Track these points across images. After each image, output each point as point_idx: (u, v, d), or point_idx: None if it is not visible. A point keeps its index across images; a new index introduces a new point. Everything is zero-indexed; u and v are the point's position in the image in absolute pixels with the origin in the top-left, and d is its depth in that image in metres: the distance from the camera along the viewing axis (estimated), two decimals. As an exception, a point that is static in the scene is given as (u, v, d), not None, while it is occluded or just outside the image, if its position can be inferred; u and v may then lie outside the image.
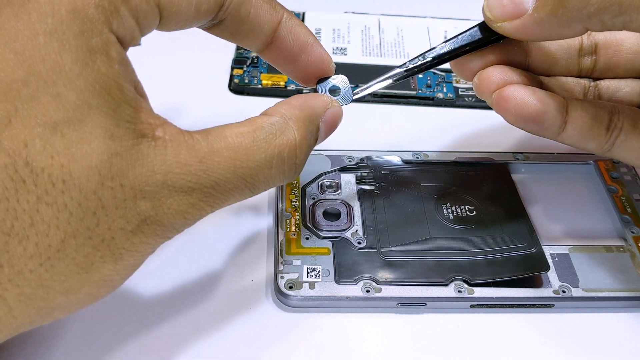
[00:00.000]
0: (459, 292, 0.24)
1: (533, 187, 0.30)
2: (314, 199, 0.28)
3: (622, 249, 0.27)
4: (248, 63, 0.36)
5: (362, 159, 0.30)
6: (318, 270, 0.25)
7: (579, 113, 0.23)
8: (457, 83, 0.36)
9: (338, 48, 0.38)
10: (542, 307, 0.25)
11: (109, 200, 0.17)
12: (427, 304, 0.24)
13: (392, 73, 0.25)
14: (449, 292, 0.24)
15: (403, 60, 0.37)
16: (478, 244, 0.26)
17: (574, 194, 0.30)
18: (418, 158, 0.30)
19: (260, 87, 0.35)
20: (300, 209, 0.27)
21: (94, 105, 0.16)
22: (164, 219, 0.18)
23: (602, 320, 0.25)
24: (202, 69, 0.36)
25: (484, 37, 0.24)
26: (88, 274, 0.17)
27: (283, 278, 0.24)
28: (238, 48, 0.37)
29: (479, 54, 0.24)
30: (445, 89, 0.35)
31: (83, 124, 0.16)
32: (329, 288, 0.24)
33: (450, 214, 0.28)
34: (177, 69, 0.36)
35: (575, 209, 0.29)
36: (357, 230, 0.26)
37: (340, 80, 0.24)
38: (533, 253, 0.26)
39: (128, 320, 0.23)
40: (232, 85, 0.35)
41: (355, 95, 0.25)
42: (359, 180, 0.29)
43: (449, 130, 0.34)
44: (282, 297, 0.24)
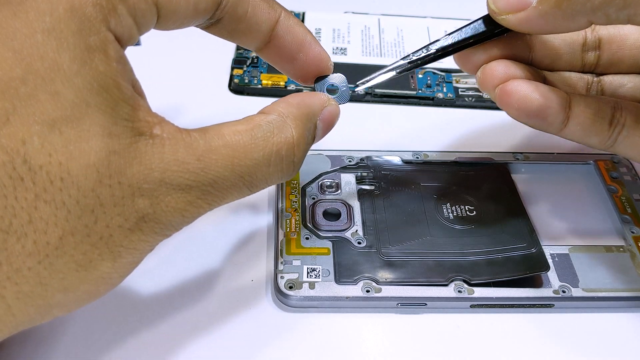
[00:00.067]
0: (459, 292, 0.24)
1: (533, 187, 0.30)
2: (314, 199, 0.28)
3: (622, 249, 0.27)
4: (248, 63, 0.36)
5: (362, 159, 0.30)
6: (318, 270, 0.25)
7: (582, 108, 0.23)
8: (457, 83, 0.36)
9: (338, 48, 0.38)
10: (542, 307, 0.25)
11: (107, 198, 0.17)
12: (427, 304, 0.24)
13: (395, 65, 0.25)
14: (449, 292, 0.24)
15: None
16: (478, 244, 0.26)
17: (574, 194, 0.30)
18: (418, 158, 0.30)
19: (260, 87, 0.35)
20: (300, 209, 0.27)
21: (92, 104, 0.16)
22: (162, 217, 0.18)
23: (602, 320, 0.25)
24: (202, 69, 0.36)
25: (488, 30, 0.24)
26: (87, 272, 0.17)
27: (283, 278, 0.24)
28: (238, 48, 0.37)
29: (483, 48, 0.24)
30: (445, 89, 0.35)
31: (81, 122, 0.16)
32: (329, 288, 0.24)
33: (450, 214, 0.28)
34: (177, 69, 0.36)
35: (575, 209, 0.29)
36: (357, 230, 0.26)
37: (339, 79, 0.24)
38: (533, 253, 0.26)
39: (128, 320, 0.23)
40: (232, 85, 0.35)
41: (360, 87, 0.25)
42: (359, 180, 0.29)
43: (449, 130, 0.34)
44: (282, 297, 0.24)
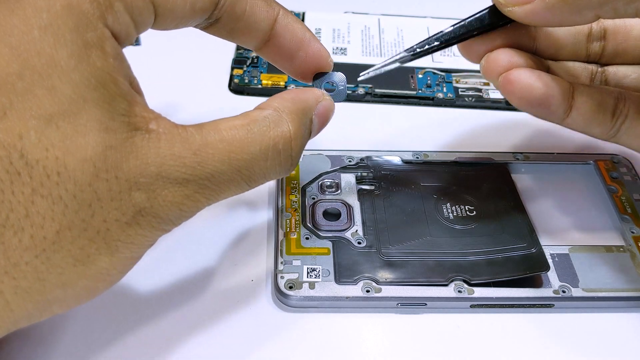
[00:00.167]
0: (459, 292, 0.24)
1: (533, 187, 0.30)
2: (314, 199, 0.28)
3: (622, 249, 0.27)
4: (248, 63, 0.36)
5: (362, 159, 0.30)
6: (318, 270, 0.25)
7: (585, 98, 0.23)
8: (457, 83, 0.36)
9: (338, 48, 0.38)
10: (542, 307, 0.25)
11: (104, 192, 0.17)
12: (427, 304, 0.24)
13: (398, 57, 0.25)
14: (449, 292, 0.24)
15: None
16: (478, 244, 0.26)
17: (574, 194, 0.30)
18: (418, 158, 0.30)
19: (260, 87, 0.35)
20: (300, 209, 0.27)
21: (89, 99, 0.16)
22: (159, 211, 0.18)
23: (602, 320, 0.25)
24: (202, 69, 0.36)
25: (493, 21, 0.24)
26: (84, 267, 0.17)
27: (283, 278, 0.24)
28: (238, 48, 0.37)
29: (486, 37, 0.24)
30: (445, 89, 0.35)
31: (78, 117, 0.16)
32: (329, 288, 0.24)
33: (450, 214, 0.28)
34: (177, 69, 0.36)
35: (575, 209, 0.29)
36: (357, 230, 0.26)
37: (337, 78, 0.24)
38: (533, 253, 0.26)
39: (128, 320, 0.23)
40: (232, 85, 0.35)
41: (363, 77, 0.25)
42: (359, 180, 0.29)
43: (449, 130, 0.34)
44: (282, 297, 0.24)
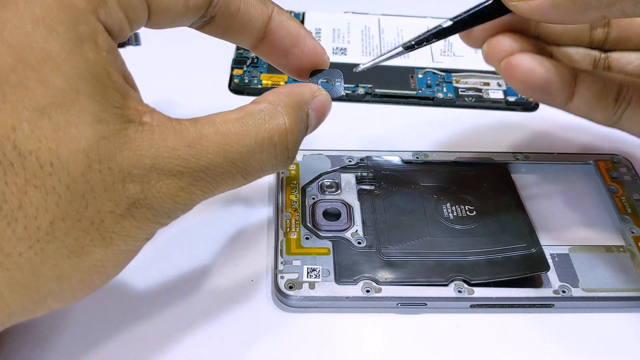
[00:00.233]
0: (459, 292, 0.24)
1: (533, 187, 0.30)
2: (314, 199, 0.28)
3: (622, 249, 0.27)
4: (248, 63, 0.36)
5: (362, 159, 0.30)
6: (318, 270, 0.25)
7: (588, 84, 0.23)
8: (457, 83, 0.36)
9: (338, 48, 0.38)
10: (542, 307, 0.25)
11: (98, 183, 0.17)
12: (427, 304, 0.24)
13: (395, 52, 0.25)
14: (449, 292, 0.24)
15: (403, 60, 0.37)
16: (478, 244, 0.26)
17: (574, 194, 0.30)
18: (418, 158, 0.30)
19: (260, 87, 0.35)
20: (300, 209, 0.27)
21: (82, 91, 0.16)
22: (154, 202, 0.18)
23: (602, 320, 0.25)
24: (202, 69, 0.36)
25: (494, 15, 0.23)
26: (79, 258, 0.17)
27: (283, 278, 0.24)
28: (238, 48, 0.37)
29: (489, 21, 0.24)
30: (445, 89, 0.35)
31: (71, 109, 0.16)
32: (329, 288, 0.24)
33: (450, 214, 0.28)
34: (177, 69, 0.36)
35: (575, 209, 0.29)
36: (357, 230, 0.26)
37: (334, 74, 0.24)
38: (533, 253, 0.26)
39: (127, 319, 0.23)
40: (232, 85, 0.35)
41: (362, 67, 0.25)
42: (359, 180, 0.29)
43: (449, 130, 0.34)
44: (282, 297, 0.24)
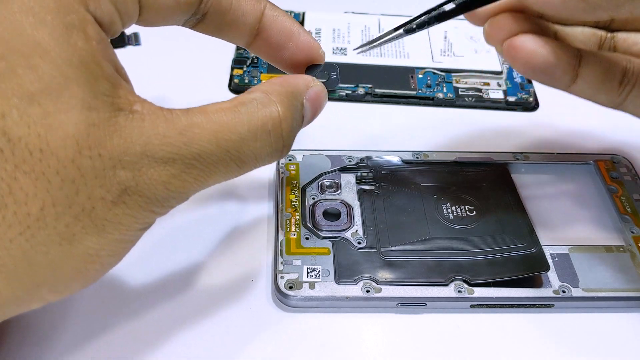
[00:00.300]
0: (459, 292, 0.24)
1: (533, 187, 0.30)
2: (314, 199, 0.28)
3: (622, 249, 0.27)
4: (248, 63, 0.36)
5: (362, 159, 0.30)
6: (318, 270, 0.25)
7: (592, 66, 0.23)
8: (457, 83, 0.36)
9: (338, 48, 0.38)
10: (542, 307, 0.25)
11: (88, 169, 0.17)
12: (427, 304, 0.24)
13: (395, 35, 0.25)
14: (449, 292, 0.24)
15: (403, 60, 0.37)
16: (478, 244, 0.26)
17: (574, 194, 0.30)
18: (418, 158, 0.30)
19: (260, 87, 0.35)
20: (300, 209, 0.27)
21: (71, 78, 0.16)
22: (145, 189, 0.18)
23: (602, 320, 0.25)
24: (202, 69, 0.36)
25: None
26: (71, 246, 0.17)
27: (283, 278, 0.24)
28: (238, 48, 0.37)
29: None
30: (445, 89, 0.35)
31: (60, 95, 0.16)
32: (329, 288, 0.24)
33: (450, 214, 0.28)
34: (177, 69, 0.36)
35: (575, 209, 0.29)
36: (357, 230, 0.26)
37: (330, 68, 0.24)
38: (533, 253, 0.26)
39: (127, 319, 0.23)
40: (232, 85, 0.35)
41: (361, 48, 0.25)
42: (359, 180, 0.29)
43: (449, 130, 0.34)
44: (282, 297, 0.24)
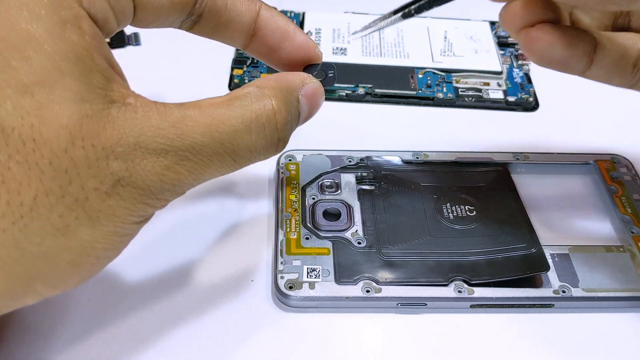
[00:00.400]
0: (459, 292, 0.24)
1: (533, 187, 0.30)
2: (314, 199, 0.28)
3: (622, 249, 0.27)
4: (248, 63, 0.36)
5: (362, 159, 0.30)
6: (318, 270, 0.25)
7: (607, 52, 0.23)
8: (457, 83, 0.36)
9: (338, 48, 0.38)
10: (542, 307, 0.25)
11: (81, 160, 0.17)
12: (427, 304, 0.24)
13: (396, 18, 0.24)
14: (449, 292, 0.24)
15: (403, 60, 0.37)
16: (478, 244, 0.26)
17: (574, 194, 0.30)
18: (418, 158, 0.30)
19: (260, 87, 0.35)
20: (300, 209, 0.27)
21: (65, 70, 0.16)
22: (139, 181, 0.18)
23: (602, 321, 0.25)
24: (202, 69, 0.36)
25: None
26: (65, 237, 0.17)
27: (283, 278, 0.24)
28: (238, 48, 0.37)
29: None
30: (445, 89, 0.35)
31: (54, 87, 0.16)
32: (329, 288, 0.24)
33: (450, 214, 0.28)
34: (177, 69, 0.36)
35: (575, 209, 0.29)
36: (357, 230, 0.26)
37: (327, 67, 0.24)
38: (533, 253, 0.26)
39: (127, 319, 0.23)
40: (232, 85, 0.35)
41: (359, 34, 0.25)
42: (359, 180, 0.29)
43: (449, 130, 0.34)
44: (282, 297, 0.24)
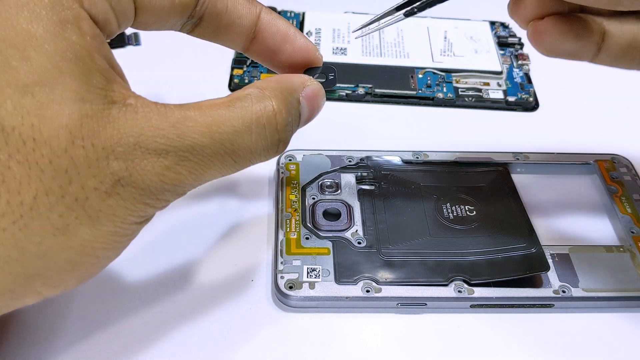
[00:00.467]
0: (459, 292, 0.24)
1: (533, 187, 0.30)
2: (314, 199, 0.28)
3: (622, 249, 0.27)
4: (248, 63, 0.36)
5: (362, 159, 0.30)
6: (318, 270, 0.25)
7: (616, 39, 0.23)
8: (457, 83, 0.36)
9: (338, 48, 0.38)
10: (542, 307, 0.25)
11: (81, 159, 0.17)
12: (427, 304, 0.24)
13: (399, 18, 0.24)
14: (449, 292, 0.24)
15: (403, 60, 0.37)
16: (478, 244, 0.26)
17: (574, 194, 0.30)
18: (418, 158, 0.30)
19: (260, 87, 0.35)
20: (300, 209, 0.27)
21: (65, 70, 0.17)
22: (139, 181, 0.18)
23: (602, 321, 0.25)
24: (202, 69, 0.36)
25: None
26: (65, 237, 0.17)
27: (283, 278, 0.24)
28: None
29: None
30: (445, 89, 0.35)
31: (54, 87, 0.16)
32: (329, 288, 0.24)
33: (450, 214, 0.28)
34: (177, 69, 0.36)
35: (576, 209, 0.29)
36: (357, 230, 0.26)
37: (328, 70, 0.24)
38: (533, 253, 0.26)
39: (127, 319, 0.23)
40: (232, 85, 0.35)
41: (359, 33, 0.25)
42: (359, 180, 0.29)
43: (449, 130, 0.34)
44: (282, 297, 0.24)
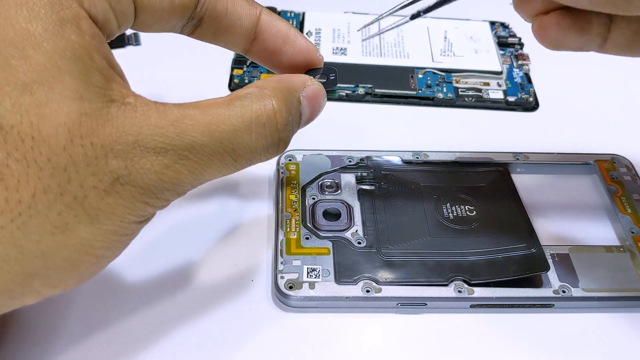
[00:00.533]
0: (459, 292, 0.24)
1: (533, 187, 0.30)
2: (314, 199, 0.28)
3: (622, 249, 0.27)
4: (248, 63, 0.36)
5: (362, 159, 0.30)
6: (318, 270, 0.25)
7: (621, 30, 0.23)
8: (457, 83, 0.36)
9: (338, 48, 0.38)
10: (542, 307, 0.25)
11: (79, 157, 0.17)
12: (427, 304, 0.24)
13: (404, 21, 0.24)
14: (449, 292, 0.24)
15: (403, 60, 0.37)
16: (478, 244, 0.26)
17: (574, 194, 0.30)
18: (418, 158, 0.30)
19: (260, 87, 0.35)
20: (300, 209, 0.27)
21: (64, 69, 0.17)
22: (138, 179, 0.18)
23: (602, 321, 0.25)
24: (202, 69, 0.36)
25: None
26: (64, 235, 0.17)
27: (283, 278, 0.24)
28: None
29: None
30: (445, 89, 0.35)
31: (53, 86, 0.16)
32: (329, 288, 0.24)
33: (450, 214, 0.28)
34: (177, 69, 0.36)
35: (575, 209, 0.29)
36: (357, 230, 0.26)
37: (329, 70, 0.24)
38: (533, 253, 0.26)
39: (127, 319, 0.23)
40: (232, 85, 0.35)
41: (365, 33, 0.25)
42: (359, 180, 0.29)
43: (449, 130, 0.34)
44: (282, 297, 0.24)
